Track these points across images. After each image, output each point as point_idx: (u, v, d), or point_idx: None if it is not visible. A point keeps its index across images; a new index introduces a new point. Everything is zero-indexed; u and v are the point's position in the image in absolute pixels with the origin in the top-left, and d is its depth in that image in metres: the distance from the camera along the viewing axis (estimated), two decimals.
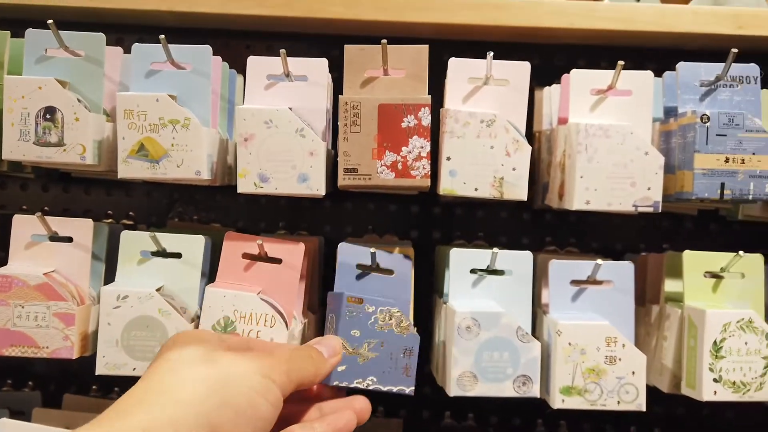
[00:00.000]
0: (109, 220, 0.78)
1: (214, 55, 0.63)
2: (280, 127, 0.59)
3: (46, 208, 0.79)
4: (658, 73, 0.68)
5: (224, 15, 0.71)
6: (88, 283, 0.63)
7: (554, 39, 0.76)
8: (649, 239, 0.80)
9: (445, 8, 0.70)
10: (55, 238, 0.63)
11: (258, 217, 0.80)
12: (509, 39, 0.76)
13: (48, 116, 0.61)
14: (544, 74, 0.76)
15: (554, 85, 0.71)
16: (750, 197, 0.59)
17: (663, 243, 0.79)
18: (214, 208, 0.80)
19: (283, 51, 0.60)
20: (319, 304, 0.73)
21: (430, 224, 0.81)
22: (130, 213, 0.79)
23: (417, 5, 0.70)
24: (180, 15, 0.72)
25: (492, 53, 0.60)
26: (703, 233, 0.79)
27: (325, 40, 0.78)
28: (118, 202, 0.80)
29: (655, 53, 0.77)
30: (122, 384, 0.79)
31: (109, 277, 0.64)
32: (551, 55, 0.79)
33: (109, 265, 0.65)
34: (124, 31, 0.78)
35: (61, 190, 0.79)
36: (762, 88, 0.64)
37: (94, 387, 0.78)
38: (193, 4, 0.70)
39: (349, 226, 0.80)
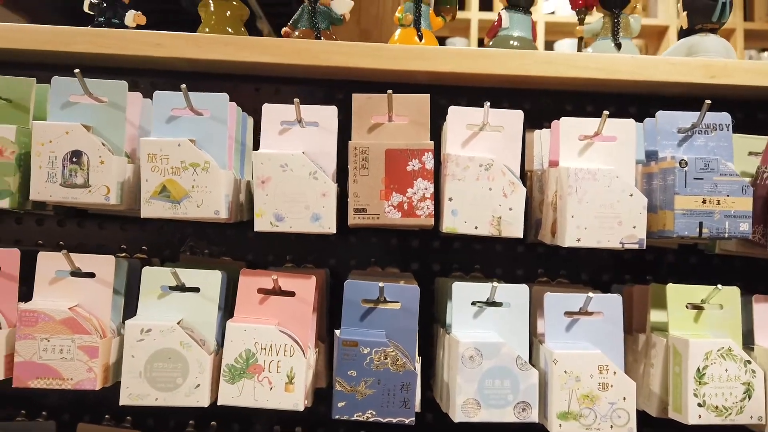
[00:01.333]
0: (123, 254, 0.81)
1: None
2: (294, 170, 0.64)
3: (61, 242, 0.82)
4: (640, 117, 0.73)
5: (236, 62, 0.76)
6: (109, 316, 0.66)
7: (542, 86, 0.82)
8: (634, 271, 0.85)
9: (439, 58, 0.75)
10: (77, 273, 0.66)
11: (266, 251, 0.84)
12: (500, 85, 0.82)
13: (74, 159, 0.64)
14: (534, 117, 0.82)
15: (544, 129, 0.76)
16: (726, 235, 0.65)
17: (647, 275, 0.85)
18: (225, 243, 0.83)
19: (296, 100, 0.65)
20: (327, 333, 0.76)
21: (430, 257, 0.85)
22: (144, 247, 0.82)
23: (413, 55, 0.75)
24: (193, 61, 0.77)
25: (489, 103, 0.65)
26: (683, 266, 0.85)
27: (329, 85, 0.83)
28: (131, 237, 0.83)
29: (636, 98, 0.84)
30: (135, 413, 0.81)
31: (128, 310, 0.67)
32: (540, 100, 0.84)
33: (126, 298, 0.68)
34: (137, 74, 0.82)
35: (76, 225, 0.83)
36: (733, 132, 0.70)
37: (107, 416, 0.80)
38: (208, 52, 0.75)
39: (354, 258, 0.85)
